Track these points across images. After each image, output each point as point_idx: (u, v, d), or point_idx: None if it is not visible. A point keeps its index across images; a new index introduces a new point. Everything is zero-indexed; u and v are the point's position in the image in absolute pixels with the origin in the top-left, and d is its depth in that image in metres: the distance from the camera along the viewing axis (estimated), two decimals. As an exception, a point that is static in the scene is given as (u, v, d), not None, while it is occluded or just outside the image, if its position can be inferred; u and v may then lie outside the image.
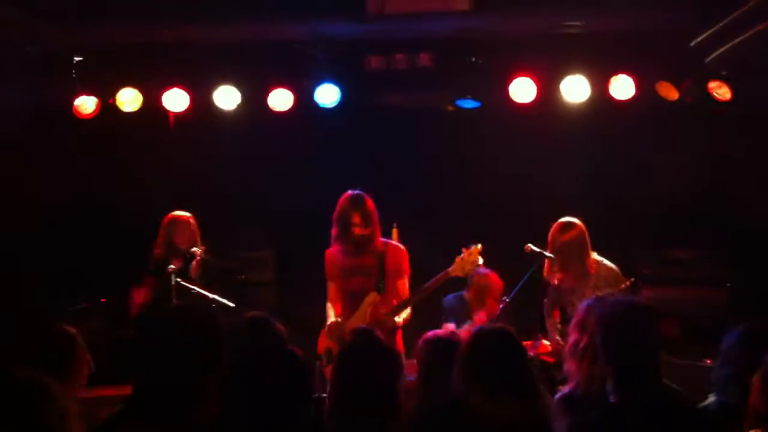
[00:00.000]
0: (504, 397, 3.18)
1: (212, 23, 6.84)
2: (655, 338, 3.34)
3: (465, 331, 5.61)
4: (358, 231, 5.80)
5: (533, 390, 3.30)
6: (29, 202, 7.75)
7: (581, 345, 3.71)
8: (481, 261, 5.84)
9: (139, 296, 6.63)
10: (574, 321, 3.86)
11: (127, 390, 3.19)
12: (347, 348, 3.57)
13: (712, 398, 3.63)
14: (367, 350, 3.45)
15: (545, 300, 6.36)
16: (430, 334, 3.96)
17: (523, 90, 7.30)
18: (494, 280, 6.80)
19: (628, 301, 3.46)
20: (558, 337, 6.24)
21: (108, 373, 4.07)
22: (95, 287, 7.42)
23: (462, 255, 5.81)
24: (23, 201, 7.71)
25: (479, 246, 5.84)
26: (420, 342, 3.94)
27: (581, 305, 3.89)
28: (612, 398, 3.29)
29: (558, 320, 6.38)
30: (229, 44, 7.23)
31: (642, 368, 3.27)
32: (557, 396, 3.90)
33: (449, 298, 7.07)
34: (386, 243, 6.01)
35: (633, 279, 5.94)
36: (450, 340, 3.83)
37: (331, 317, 5.95)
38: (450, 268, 5.80)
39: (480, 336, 3.41)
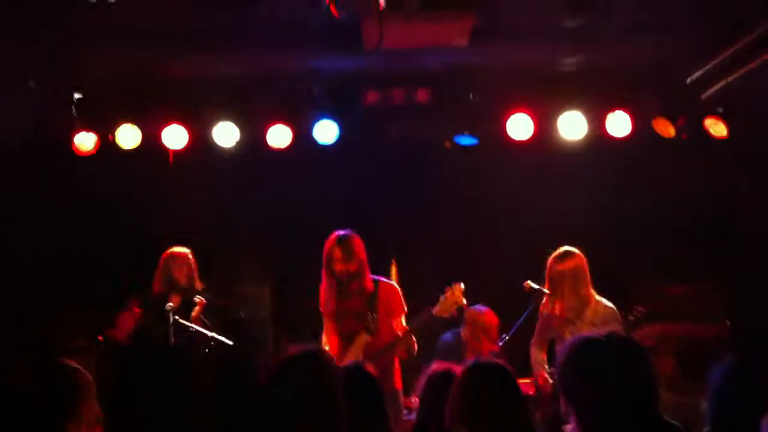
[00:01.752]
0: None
1: (210, 60, 6.88)
2: (609, 375, 3.24)
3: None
4: (339, 267, 5.75)
5: (527, 428, 3.26)
6: (27, 239, 7.75)
7: None
8: (464, 301, 5.78)
9: (126, 322, 6.57)
10: None
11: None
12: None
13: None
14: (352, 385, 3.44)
15: (534, 335, 6.25)
16: (430, 369, 3.91)
17: (520, 126, 7.31)
18: (489, 317, 6.74)
19: (580, 339, 3.38)
20: (546, 374, 6.14)
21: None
22: (93, 325, 7.39)
23: (445, 295, 5.74)
24: (21, 238, 7.72)
25: (462, 285, 5.76)
26: (423, 377, 3.90)
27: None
28: None
29: (545, 356, 6.26)
30: (228, 80, 7.26)
31: (599, 408, 3.19)
32: None
33: (446, 336, 7.02)
34: (378, 282, 5.91)
35: (641, 309, 5.84)
36: (448, 374, 3.77)
37: None
38: (434, 309, 5.73)
39: (474, 370, 3.37)
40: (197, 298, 6.48)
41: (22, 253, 7.82)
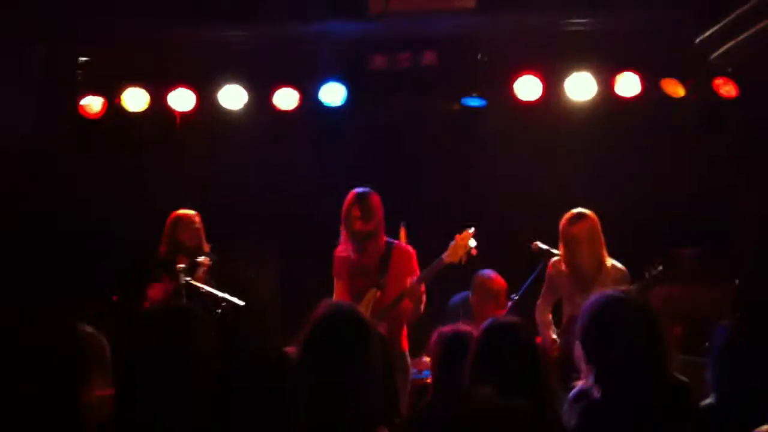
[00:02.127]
0: (513, 391, 3.16)
1: (217, 23, 6.86)
2: (632, 333, 3.17)
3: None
4: (358, 225, 5.76)
5: (544, 385, 3.27)
6: (36, 202, 7.77)
7: None
8: (474, 243, 5.77)
9: (154, 292, 6.61)
10: None
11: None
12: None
13: (711, 399, 3.60)
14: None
15: (541, 296, 6.24)
16: (444, 329, 3.92)
17: (528, 88, 7.29)
18: (497, 282, 6.73)
19: (604, 297, 3.36)
20: (553, 336, 6.17)
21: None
22: (103, 287, 7.43)
23: (455, 240, 5.77)
24: (30, 201, 7.74)
25: (472, 229, 5.77)
26: (433, 338, 3.92)
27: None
28: (595, 394, 3.25)
29: (551, 317, 6.27)
30: (235, 43, 7.23)
31: (621, 365, 3.19)
32: (571, 392, 3.88)
33: (455, 300, 7.04)
34: (392, 243, 5.92)
35: (660, 268, 5.85)
36: (463, 334, 3.78)
37: None
38: (444, 255, 5.74)
39: (494, 328, 3.38)
40: (201, 259, 6.52)
41: (30, 217, 7.85)
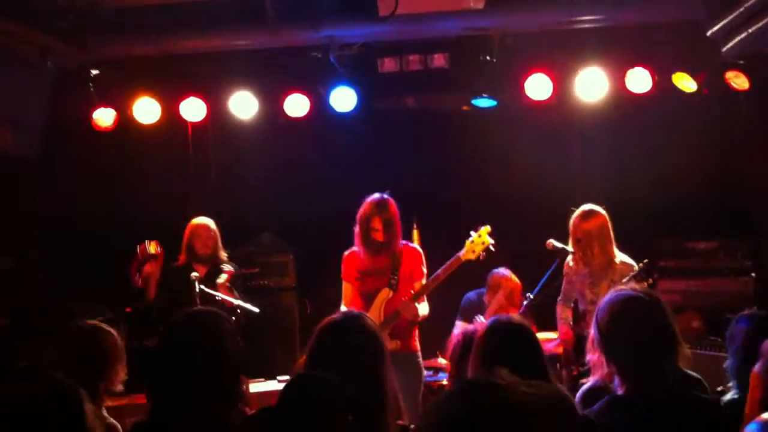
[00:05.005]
0: None
1: (225, 31, 6.87)
2: (655, 330, 3.19)
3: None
4: (377, 236, 5.82)
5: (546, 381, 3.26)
6: (50, 214, 7.82)
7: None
8: (491, 241, 5.80)
9: (149, 269, 6.62)
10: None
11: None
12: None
13: (733, 392, 3.58)
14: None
15: (560, 294, 6.28)
16: (460, 331, 3.95)
17: (539, 87, 7.27)
18: (511, 281, 6.74)
19: (625, 294, 3.31)
20: (568, 328, 6.17)
21: (131, 382, 4.09)
22: (116, 298, 7.46)
23: (471, 238, 5.79)
24: (44, 213, 7.79)
25: (488, 227, 5.81)
26: (451, 341, 3.95)
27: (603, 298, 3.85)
28: (619, 391, 3.23)
29: (570, 313, 6.29)
30: (244, 51, 7.25)
31: (644, 363, 3.15)
32: (581, 389, 3.87)
33: (469, 296, 7.04)
34: (403, 245, 5.99)
35: (646, 261, 5.84)
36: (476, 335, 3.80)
37: None
38: (461, 253, 5.77)
39: (494, 327, 3.40)
40: (225, 266, 6.57)
41: (43, 229, 7.89)
